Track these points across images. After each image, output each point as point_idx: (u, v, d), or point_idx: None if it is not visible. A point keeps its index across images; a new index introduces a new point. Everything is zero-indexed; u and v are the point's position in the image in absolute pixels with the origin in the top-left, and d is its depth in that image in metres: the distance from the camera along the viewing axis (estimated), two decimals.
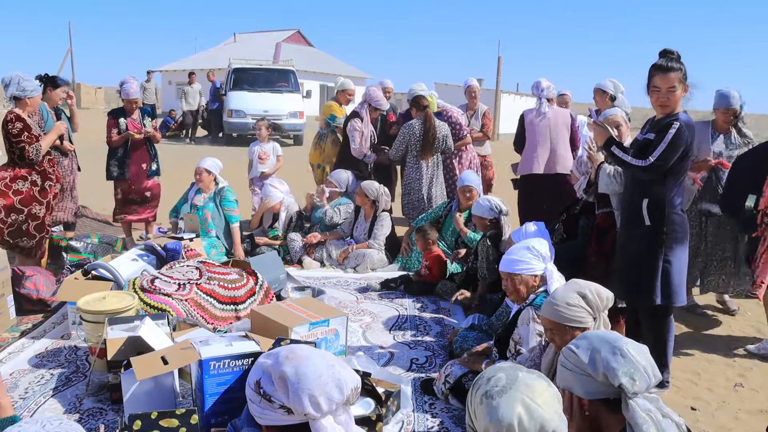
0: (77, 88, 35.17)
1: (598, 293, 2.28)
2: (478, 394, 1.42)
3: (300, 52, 31.93)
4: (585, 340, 1.69)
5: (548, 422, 1.35)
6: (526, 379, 1.41)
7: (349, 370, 1.56)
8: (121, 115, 5.59)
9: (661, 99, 3.03)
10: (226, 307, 3.79)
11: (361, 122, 5.96)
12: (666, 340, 3.17)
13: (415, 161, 5.79)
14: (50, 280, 4.25)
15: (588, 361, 1.64)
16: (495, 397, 1.37)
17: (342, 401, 1.50)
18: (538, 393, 1.38)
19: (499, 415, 1.34)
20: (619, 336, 1.69)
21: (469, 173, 5.47)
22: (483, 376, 1.47)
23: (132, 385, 2.61)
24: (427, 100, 5.81)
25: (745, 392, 3.38)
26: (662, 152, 2.94)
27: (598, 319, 2.30)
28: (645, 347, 1.67)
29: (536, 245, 2.94)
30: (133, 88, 5.63)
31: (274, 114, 15.40)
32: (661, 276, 3.07)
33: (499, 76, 22.68)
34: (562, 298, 2.28)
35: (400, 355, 3.58)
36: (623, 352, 1.60)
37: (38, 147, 4.36)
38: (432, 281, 4.77)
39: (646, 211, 3.06)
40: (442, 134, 5.75)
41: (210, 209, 5.35)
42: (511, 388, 1.38)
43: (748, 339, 4.10)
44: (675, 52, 3.02)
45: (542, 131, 5.27)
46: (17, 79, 4.37)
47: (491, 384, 1.41)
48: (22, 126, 4.33)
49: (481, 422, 1.38)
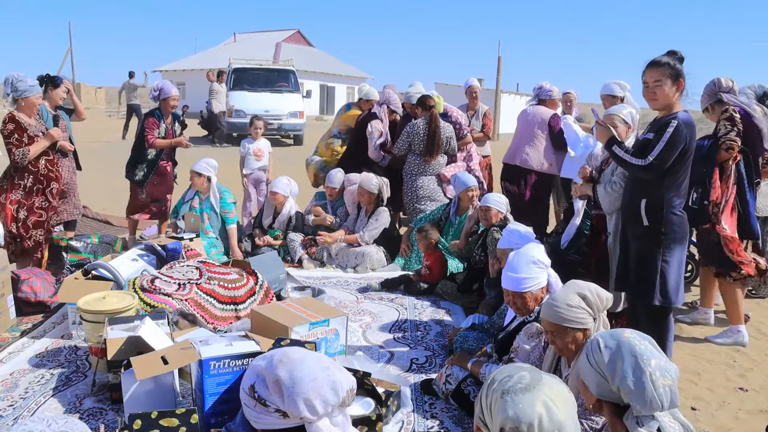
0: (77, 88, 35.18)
1: (597, 294, 2.28)
2: (498, 389, 1.41)
3: (300, 52, 31.93)
4: (614, 341, 1.66)
5: (565, 427, 1.35)
6: (550, 382, 1.42)
7: (344, 372, 1.56)
8: (160, 117, 5.60)
9: (648, 93, 3.04)
10: (226, 307, 3.79)
11: (381, 123, 6.00)
12: (664, 340, 3.15)
13: (418, 160, 5.79)
14: (47, 280, 4.25)
15: (607, 365, 1.64)
16: (518, 393, 1.37)
17: (338, 403, 1.49)
18: (559, 397, 1.39)
19: (520, 412, 1.34)
20: (650, 351, 1.64)
21: (466, 174, 5.43)
22: (503, 372, 1.46)
23: (132, 385, 2.61)
24: (434, 101, 5.80)
25: (745, 392, 3.39)
26: (660, 151, 2.93)
27: (597, 319, 2.30)
28: (672, 368, 1.63)
29: (539, 256, 2.86)
30: (173, 88, 5.68)
31: (274, 114, 15.42)
32: (659, 276, 3.06)
33: (499, 76, 22.72)
34: (562, 299, 2.26)
35: (400, 355, 3.58)
36: (643, 373, 1.58)
37: (24, 151, 4.34)
38: (432, 281, 4.77)
39: (644, 212, 3.06)
40: (447, 135, 5.76)
41: (207, 211, 5.37)
42: (534, 388, 1.38)
43: (749, 339, 4.09)
44: (677, 53, 3.02)
45: (520, 127, 5.94)
46: (11, 79, 4.37)
47: (514, 381, 1.41)
48: (13, 128, 4.32)
49: (498, 417, 1.38)
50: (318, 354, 1.60)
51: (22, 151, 4.34)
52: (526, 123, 5.87)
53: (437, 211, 5.52)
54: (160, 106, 5.66)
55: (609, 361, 1.64)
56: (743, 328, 4.02)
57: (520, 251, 2.96)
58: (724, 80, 4.09)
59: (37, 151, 4.45)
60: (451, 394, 2.92)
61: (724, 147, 3.81)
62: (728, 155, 3.82)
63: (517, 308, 2.86)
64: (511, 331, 2.90)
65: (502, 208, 4.52)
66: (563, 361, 2.43)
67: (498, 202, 4.54)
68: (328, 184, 5.91)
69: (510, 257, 2.97)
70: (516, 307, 2.87)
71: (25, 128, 4.38)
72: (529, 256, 2.87)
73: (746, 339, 4.00)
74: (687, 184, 3.12)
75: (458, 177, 5.37)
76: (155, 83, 5.79)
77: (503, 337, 2.94)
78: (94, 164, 6.80)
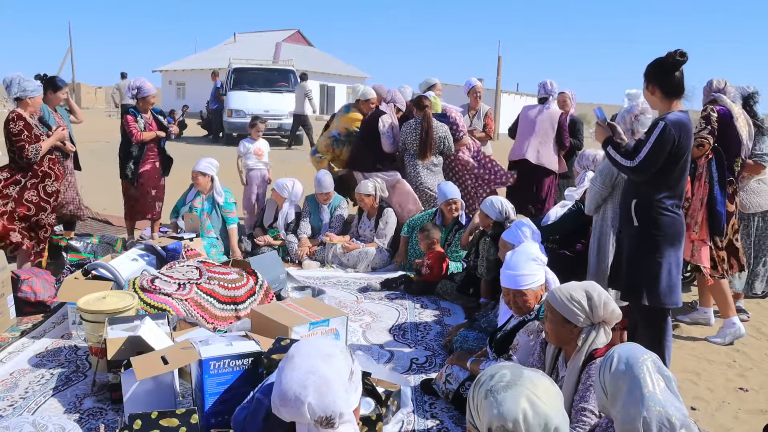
0: (77, 88, 35.18)
1: (605, 303, 2.25)
2: (482, 390, 1.41)
3: (300, 52, 31.95)
4: (624, 365, 1.63)
5: (552, 418, 1.35)
6: (531, 377, 1.41)
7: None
8: (135, 113, 5.57)
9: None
10: (226, 307, 3.80)
11: (390, 118, 6.02)
12: (661, 340, 3.12)
13: (412, 160, 5.80)
14: (47, 280, 4.25)
15: (609, 386, 1.63)
16: (500, 392, 1.37)
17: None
18: (542, 390, 1.39)
19: (504, 410, 1.34)
20: (657, 397, 1.57)
21: (449, 185, 5.36)
22: (486, 373, 1.47)
23: (132, 385, 2.61)
24: (429, 101, 5.80)
25: (745, 392, 3.39)
26: (647, 152, 2.93)
27: (597, 327, 2.27)
28: (676, 423, 1.56)
29: (538, 253, 2.86)
30: (151, 86, 5.66)
31: (274, 114, 15.41)
32: (649, 277, 3.04)
33: (499, 76, 22.74)
34: (568, 289, 2.30)
35: (400, 355, 3.58)
36: (639, 416, 1.55)
37: (38, 147, 4.37)
38: (433, 280, 4.77)
39: (633, 212, 3.06)
40: (439, 135, 5.73)
41: (208, 211, 5.37)
42: (515, 384, 1.38)
43: (749, 339, 4.10)
44: (673, 53, 2.99)
45: (534, 125, 5.97)
46: (18, 79, 4.38)
47: (496, 380, 1.41)
48: (23, 125, 4.34)
49: (484, 418, 1.38)
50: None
51: (35, 147, 4.35)
52: (540, 121, 5.95)
53: (425, 216, 5.47)
54: (138, 105, 5.59)
55: (611, 382, 1.63)
56: (737, 320, 4.03)
57: (519, 249, 2.97)
58: (716, 81, 4.17)
59: (47, 147, 4.49)
60: (452, 399, 2.91)
61: (695, 144, 3.82)
62: (699, 152, 3.84)
63: (518, 308, 2.86)
64: (509, 330, 2.89)
65: (492, 213, 4.40)
66: (561, 361, 2.43)
67: (489, 208, 4.43)
68: (321, 191, 5.76)
69: (508, 256, 2.97)
70: (516, 307, 2.86)
71: (31, 126, 4.39)
72: (528, 252, 2.89)
73: (743, 330, 4.00)
74: (683, 184, 3.08)
75: (440, 188, 5.33)
76: (132, 81, 5.69)
77: (502, 336, 2.94)
78: (94, 164, 6.80)
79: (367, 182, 5.58)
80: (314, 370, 1.52)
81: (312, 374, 1.51)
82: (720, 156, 3.89)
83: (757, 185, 4.51)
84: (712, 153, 3.89)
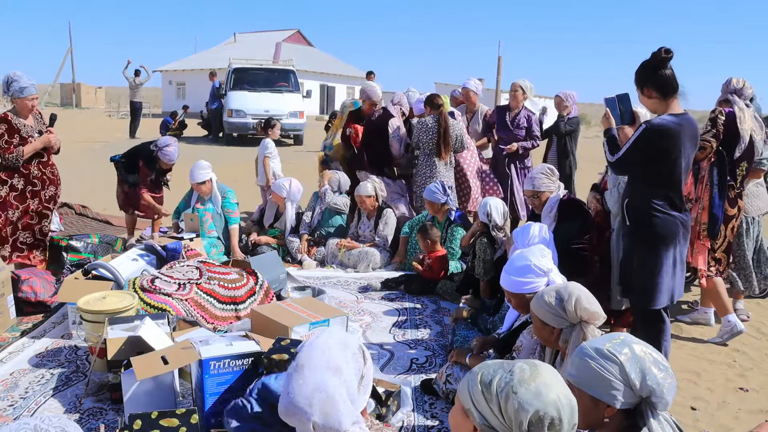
0: (77, 88, 35.21)
1: (578, 304, 2.20)
2: (505, 390, 1.37)
3: (300, 52, 31.95)
4: (625, 354, 1.62)
5: (574, 403, 1.40)
6: (543, 365, 1.44)
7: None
8: (155, 171, 5.57)
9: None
10: (226, 307, 3.80)
11: (398, 120, 6.04)
12: (657, 340, 3.09)
13: (428, 159, 5.77)
14: (47, 280, 4.25)
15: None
16: (529, 383, 1.37)
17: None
18: (560, 378, 1.42)
19: (545, 399, 1.35)
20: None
21: (432, 186, 5.30)
22: (496, 374, 1.43)
23: (132, 385, 2.61)
24: (442, 99, 5.81)
25: (745, 392, 3.39)
26: (624, 151, 3.00)
27: (575, 326, 2.23)
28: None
29: (539, 262, 2.81)
30: (173, 151, 5.54)
31: (274, 114, 15.42)
32: (639, 276, 3.04)
33: (499, 76, 22.69)
34: (543, 291, 2.33)
35: (400, 355, 3.58)
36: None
37: (19, 151, 4.30)
38: (433, 279, 4.77)
39: (625, 211, 3.08)
40: (457, 132, 5.77)
41: (210, 210, 5.35)
42: (539, 374, 1.39)
43: (749, 339, 4.10)
44: (657, 51, 2.99)
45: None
46: (8, 78, 4.33)
47: (517, 375, 1.39)
48: (5, 129, 4.29)
49: (520, 415, 1.34)
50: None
51: (17, 151, 4.29)
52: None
53: (422, 218, 5.47)
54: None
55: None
56: (733, 317, 4.01)
57: (523, 252, 2.92)
58: (735, 80, 4.07)
59: (29, 152, 4.39)
60: (452, 399, 2.91)
61: (698, 146, 3.82)
62: (701, 155, 3.83)
63: (516, 307, 2.88)
64: (513, 330, 2.90)
65: (480, 215, 4.38)
66: (558, 361, 2.43)
67: (480, 209, 4.40)
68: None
69: (511, 257, 2.98)
70: (518, 307, 2.88)
71: (17, 129, 4.34)
72: (529, 260, 2.82)
73: (741, 326, 3.98)
74: (678, 185, 3.02)
75: (428, 187, 5.30)
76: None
77: (505, 335, 2.95)
78: (94, 164, 6.80)
79: (366, 183, 5.58)
80: (322, 387, 1.51)
81: (319, 392, 1.51)
82: (722, 159, 3.88)
83: (756, 189, 4.51)
84: (715, 156, 3.88)
